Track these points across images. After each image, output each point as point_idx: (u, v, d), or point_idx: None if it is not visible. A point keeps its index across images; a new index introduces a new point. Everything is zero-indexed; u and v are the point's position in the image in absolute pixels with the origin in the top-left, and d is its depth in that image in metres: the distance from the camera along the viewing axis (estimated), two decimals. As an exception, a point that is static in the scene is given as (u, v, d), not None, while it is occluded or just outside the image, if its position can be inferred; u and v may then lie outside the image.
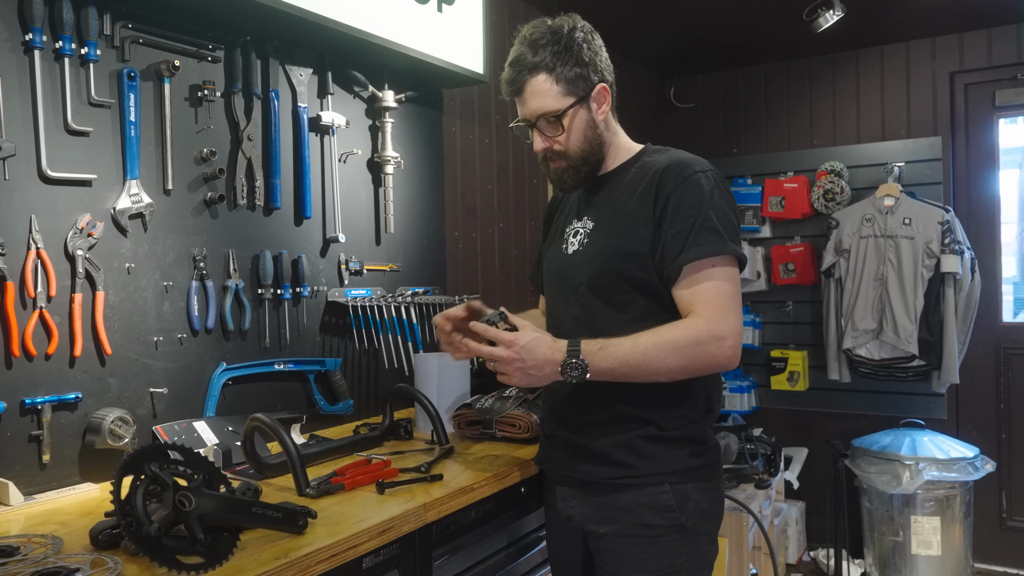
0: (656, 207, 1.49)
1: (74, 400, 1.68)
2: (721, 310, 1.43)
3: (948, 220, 3.63)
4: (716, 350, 1.42)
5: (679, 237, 1.46)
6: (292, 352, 2.20)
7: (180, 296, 1.91)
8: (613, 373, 1.43)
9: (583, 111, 1.55)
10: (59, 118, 1.67)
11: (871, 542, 3.72)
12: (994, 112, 3.92)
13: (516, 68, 1.56)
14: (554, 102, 1.53)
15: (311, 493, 1.56)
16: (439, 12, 2.44)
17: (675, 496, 1.52)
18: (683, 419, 1.54)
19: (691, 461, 1.54)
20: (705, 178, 1.49)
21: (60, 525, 1.42)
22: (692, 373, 1.46)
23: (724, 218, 1.47)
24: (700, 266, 1.44)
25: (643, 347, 1.41)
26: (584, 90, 1.54)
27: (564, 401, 1.63)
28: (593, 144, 1.57)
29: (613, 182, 1.62)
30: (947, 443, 3.58)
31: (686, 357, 1.42)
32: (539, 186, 3.48)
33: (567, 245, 1.65)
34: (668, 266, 1.47)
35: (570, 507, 1.64)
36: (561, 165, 1.59)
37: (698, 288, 1.45)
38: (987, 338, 3.88)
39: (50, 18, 1.65)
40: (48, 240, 1.63)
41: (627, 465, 1.53)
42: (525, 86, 1.55)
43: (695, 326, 1.42)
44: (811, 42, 3.73)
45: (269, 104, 2.11)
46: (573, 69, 1.52)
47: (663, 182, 1.50)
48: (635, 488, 1.53)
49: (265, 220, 2.13)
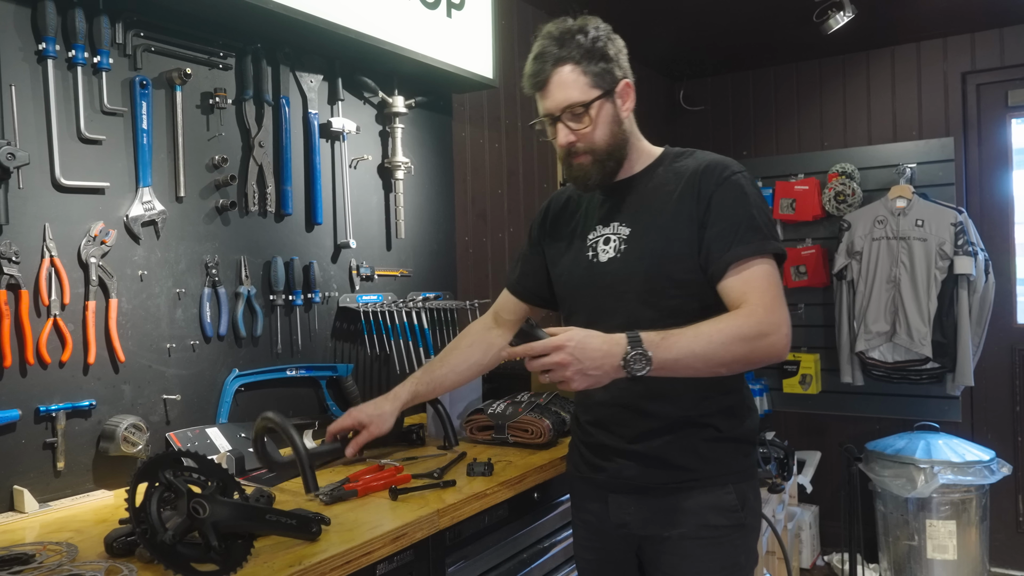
0: (698, 207, 1.48)
1: (88, 407, 1.68)
2: (775, 300, 1.42)
3: (961, 221, 3.60)
4: (775, 340, 1.39)
5: (724, 235, 1.45)
6: (304, 358, 2.20)
7: (192, 303, 1.91)
8: (677, 364, 1.34)
9: (609, 105, 1.52)
10: (72, 126, 1.68)
11: (886, 546, 3.68)
12: (1007, 112, 3.89)
13: (541, 61, 1.52)
14: (580, 93, 1.50)
15: (324, 499, 1.56)
16: (448, 17, 2.44)
17: (737, 496, 1.53)
18: (736, 419, 1.56)
19: (745, 461, 1.57)
20: (744, 178, 1.50)
21: (75, 532, 1.43)
22: (751, 364, 1.42)
23: (765, 217, 1.48)
24: (747, 263, 1.43)
25: (707, 336, 1.35)
26: (610, 83, 1.52)
27: (611, 411, 1.58)
28: (618, 139, 1.55)
29: (641, 185, 1.59)
30: (962, 446, 3.55)
31: (748, 346, 1.37)
32: (549, 190, 3.48)
33: (595, 253, 1.59)
34: (714, 263, 1.45)
35: (626, 514, 1.58)
36: (586, 161, 1.55)
37: (749, 279, 1.43)
38: (1002, 340, 3.84)
39: (63, 27, 1.66)
40: (62, 248, 1.64)
41: (690, 468, 1.52)
42: (551, 78, 1.51)
43: (755, 314, 1.39)
44: (821, 43, 3.72)
45: (280, 111, 2.12)
46: (599, 63, 1.50)
47: (704, 182, 1.49)
48: (699, 490, 1.52)
49: (276, 226, 2.13)
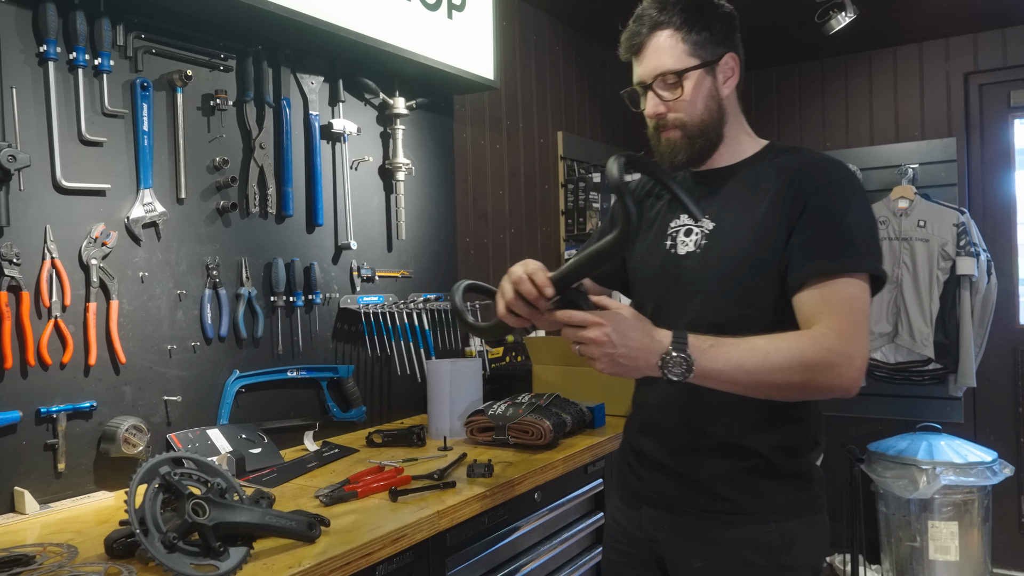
0: (793, 210, 1.32)
1: (89, 409, 1.68)
2: (854, 326, 1.24)
3: (963, 222, 3.60)
4: (844, 371, 1.22)
5: (811, 243, 1.29)
6: (305, 359, 2.20)
7: (193, 304, 1.92)
8: (720, 377, 1.22)
9: (707, 78, 1.38)
10: (73, 128, 1.68)
11: (888, 547, 3.68)
12: (1009, 112, 3.88)
13: (639, 24, 1.39)
14: (675, 61, 1.36)
15: (323, 500, 1.56)
16: (449, 19, 2.44)
17: (781, 535, 1.35)
18: (789, 451, 1.37)
19: (797, 497, 1.37)
20: (850, 184, 1.34)
21: (75, 534, 1.43)
22: (808, 394, 1.27)
23: (867, 231, 1.31)
24: (831, 279, 1.27)
25: (762, 352, 1.22)
26: (712, 55, 1.38)
27: (657, 416, 1.47)
28: (714, 115, 1.40)
29: (736, 178, 1.42)
30: (964, 447, 3.54)
31: (809, 375, 1.22)
32: (550, 191, 3.48)
33: (673, 244, 1.45)
34: (793, 272, 1.30)
35: (658, 532, 1.46)
36: (675, 136, 1.40)
37: (829, 296, 1.26)
38: (1004, 341, 3.83)
39: (64, 30, 1.66)
40: (63, 250, 1.64)
41: (729, 499, 1.37)
42: (646, 43, 1.38)
43: (825, 337, 1.23)
44: (823, 44, 3.71)
45: (281, 112, 2.12)
46: (702, 32, 1.37)
47: (803, 184, 1.33)
48: (737, 525, 1.37)
49: (277, 228, 2.14)
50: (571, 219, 3.54)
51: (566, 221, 3.55)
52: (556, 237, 3.53)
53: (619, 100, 1.51)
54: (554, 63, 3.53)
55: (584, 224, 3.48)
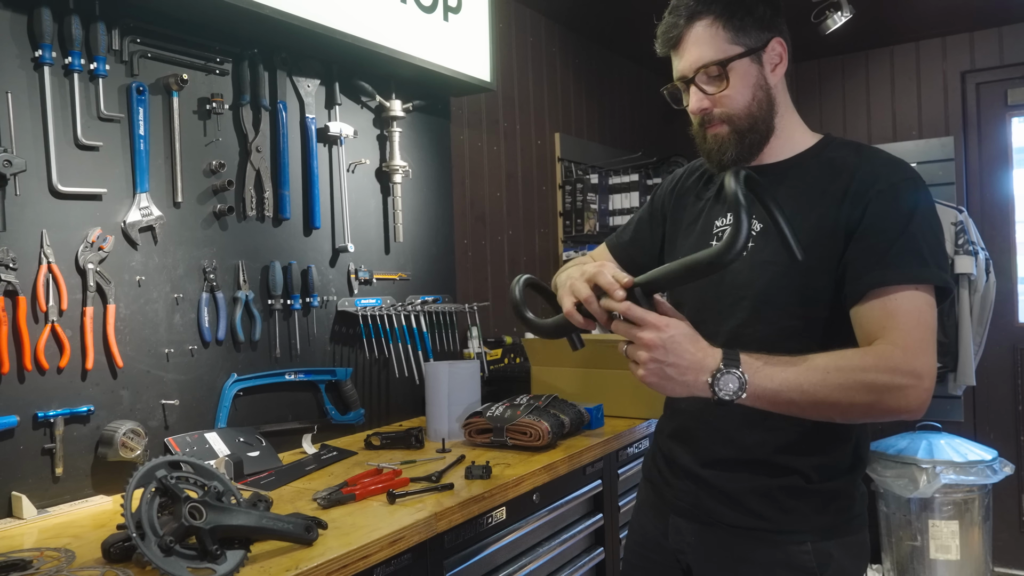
0: (851, 214, 1.22)
1: (86, 413, 1.68)
2: (921, 343, 1.14)
3: (961, 220, 3.59)
4: (912, 392, 1.12)
5: (872, 251, 1.19)
6: (303, 362, 2.20)
7: (191, 308, 1.92)
8: (777, 398, 1.13)
9: (753, 66, 1.28)
10: (69, 133, 1.68)
11: (889, 547, 3.67)
12: (1007, 111, 3.88)
13: (675, 15, 1.30)
14: (718, 51, 1.26)
15: (321, 503, 1.56)
16: (445, 21, 2.44)
17: (816, 556, 1.27)
18: (830, 470, 1.29)
19: (835, 517, 1.29)
20: (913, 187, 1.22)
21: (73, 538, 1.43)
22: (872, 416, 1.17)
23: (932, 239, 1.20)
24: (895, 290, 1.16)
25: (822, 371, 1.12)
26: (756, 41, 1.28)
27: (691, 423, 1.39)
28: (763, 106, 1.30)
29: (787, 174, 1.32)
30: (964, 446, 3.53)
31: (873, 396, 1.12)
32: (548, 192, 3.48)
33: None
34: (852, 282, 1.20)
35: (684, 542, 1.40)
36: (722, 131, 1.30)
37: (893, 309, 1.16)
38: (1003, 339, 3.84)
39: (59, 34, 1.67)
40: (59, 254, 1.65)
41: (763, 516, 1.29)
42: (684, 35, 1.29)
43: (891, 356, 1.13)
44: (820, 44, 3.71)
45: (277, 116, 2.12)
46: (745, 18, 1.27)
47: (861, 187, 1.23)
48: (770, 543, 1.29)
49: (274, 231, 2.14)
50: (569, 220, 3.54)
51: (564, 222, 3.55)
52: (554, 238, 3.53)
53: (617, 101, 1.47)
54: (551, 64, 3.53)
55: (582, 225, 3.49)
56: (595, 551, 2.18)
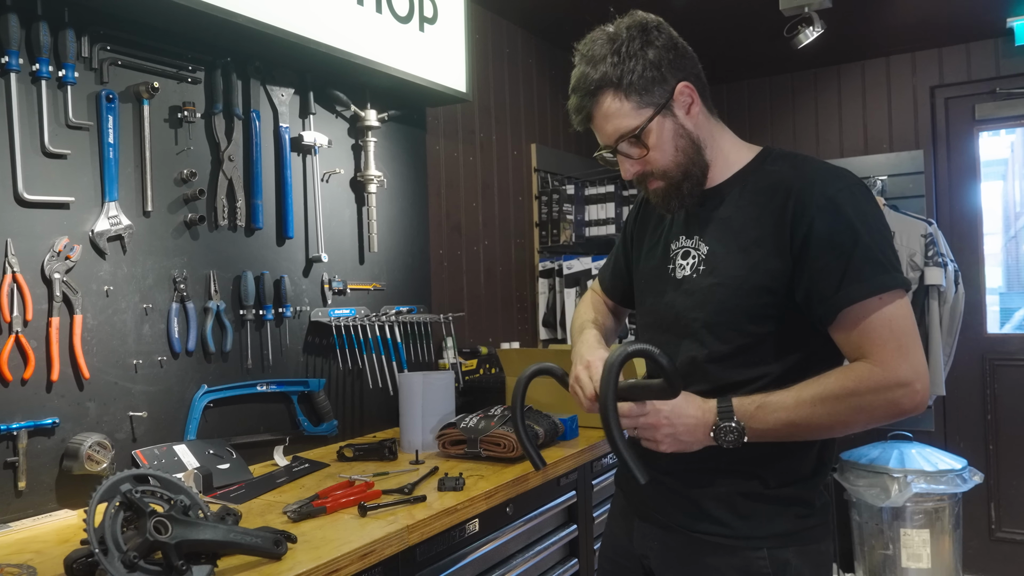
0: (794, 234, 1.24)
1: (51, 425, 1.65)
2: (899, 351, 1.18)
3: (931, 233, 3.65)
4: (900, 397, 1.18)
5: (832, 272, 1.21)
6: (275, 373, 2.18)
7: (160, 318, 1.89)
8: (776, 435, 1.22)
9: (666, 120, 1.31)
10: (36, 140, 1.66)
11: (861, 556, 3.70)
12: (974, 125, 3.96)
13: (579, 93, 1.34)
14: (628, 120, 1.30)
15: (291, 516, 1.54)
16: (421, 31, 2.44)
17: (772, 564, 1.28)
18: (790, 474, 1.30)
19: (794, 524, 1.30)
20: (853, 193, 1.24)
21: (35, 554, 1.40)
22: (874, 424, 1.23)
23: (883, 242, 1.23)
24: (865, 306, 1.19)
25: (809, 403, 1.19)
26: (661, 97, 1.30)
27: None
28: (689, 154, 1.33)
29: (729, 195, 1.35)
30: (935, 455, 3.58)
31: (864, 412, 1.19)
32: (524, 203, 3.49)
33: (674, 267, 1.40)
34: (819, 306, 1.22)
35: (648, 547, 1.42)
36: (659, 186, 1.35)
37: (866, 328, 1.19)
38: (973, 350, 3.89)
39: (27, 40, 1.64)
40: (24, 263, 1.62)
41: (722, 523, 1.31)
42: (594, 112, 1.33)
43: (870, 376, 1.18)
44: (793, 58, 3.77)
45: (250, 125, 2.11)
46: (642, 76, 1.29)
47: (800, 203, 1.24)
48: (728, 550, 1.31)
49: (246, 241, 2.12)
50: (545, 231, 3.55)
51: (540, 233, 3.56)
52: (531, 249, 3.54)
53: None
54: (527, 75, 3.55)
55: (558, 236, 3.49)
56: (570, 562, 2.17)
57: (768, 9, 3.19)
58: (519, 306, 3.42)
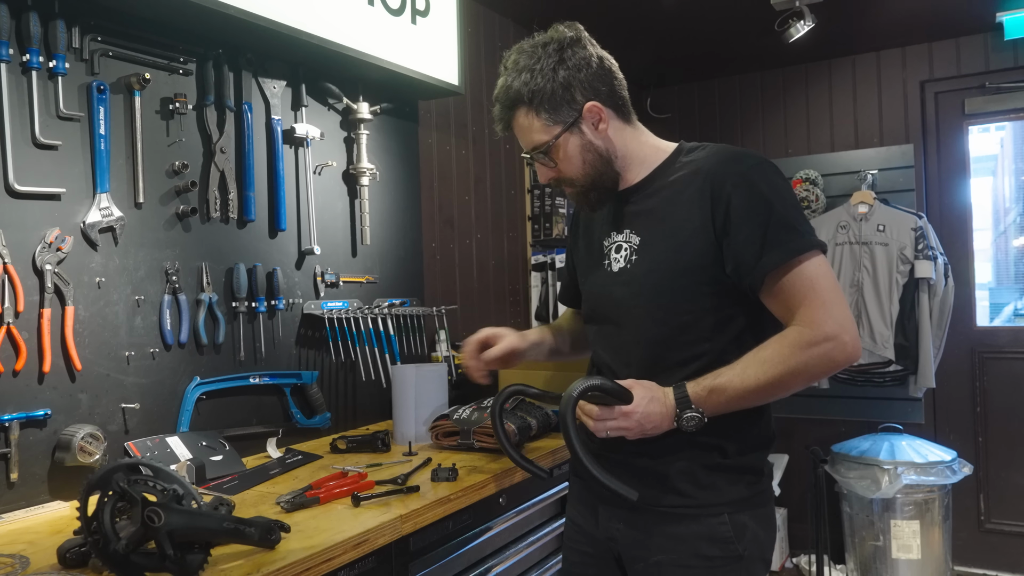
0: (715, 213, 1.35)
1: (43, 417, 1.65)
2: (823, 307, 1.28)
3: (921, 226, 3.68)
4: (831, 351, 1.27)
5: (753, 242, 1.31)
6: (267, 365, 2.18)
7: (152, 310, 1.89)
8: (729, 408, 1.33)
9: (574, 137, 1.42)
10: (27, 132, 1.65)
11: (852, 547, 3.73)
12: (964, 120, 3.98)
13: (500, 104, 1.45)
14: (538, 135, 1.42)
15: (285, 506, 1.54)
16: (413, 24, 2.44)
17: (733, 527, 1.39)
18: (745, 445, 1.42)
19: (748, 490, 1.42)
20: (762, 170, 1.36)
21: (28, 544, 1.40)
22: (816, 378, 1.33)
23: (796, 212, 1.34)
24: (786, 269, 1.30)
25: (753, 374, 1.30)
26: (570, 116, 1.41)
27: None
28: (596, 167, 1.44)
29: (651, 189, 1.46)
30: (925, 447, 3.61)
31: (803, 373, 1.29)
32: (516, 196, 3.49)
33: (609, 262, 1.50)
34: (747, 275, 1.33)
35: (615, 529, 1.49)
36: (572, 191, 1.49)
37: (791, 289, 1.31)
38: (962, 343, 3.92)
39: (17, 31, 1.64)
40: (16, 255, 1.61)
41: (686, 494, 1.41)
42: (512, 123, 1.46)
43: (800, 336, 1.29)
44: (784, 53, 3.78)
45: (242, 117, 2.10)
46: (552, 95, 1.39)
47: (717, 183, 1.35)
48: (692, 518, 1.40)
49: (239, 233, 2.11)
50: (538, 224, 3.55)
51: (533, 226, 3.56)
52: (523, 242, 3.54)
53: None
54: (520, 70, 3.54)
55: (551, 229, 3.50)
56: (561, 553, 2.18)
57: (759, 4, 3.20)
58: (512, 299, 3.43)
